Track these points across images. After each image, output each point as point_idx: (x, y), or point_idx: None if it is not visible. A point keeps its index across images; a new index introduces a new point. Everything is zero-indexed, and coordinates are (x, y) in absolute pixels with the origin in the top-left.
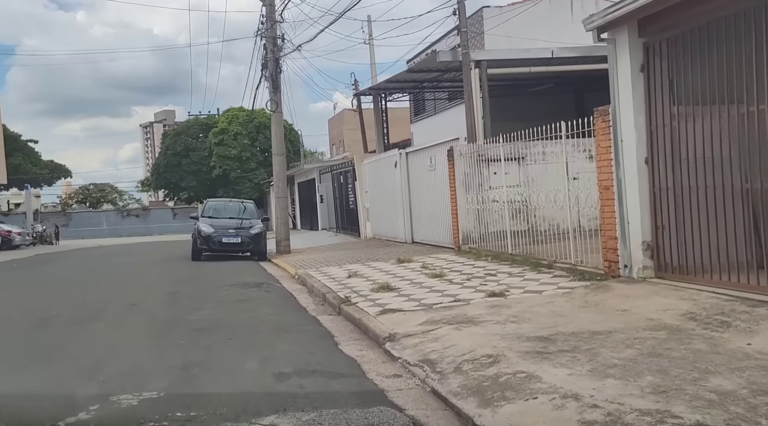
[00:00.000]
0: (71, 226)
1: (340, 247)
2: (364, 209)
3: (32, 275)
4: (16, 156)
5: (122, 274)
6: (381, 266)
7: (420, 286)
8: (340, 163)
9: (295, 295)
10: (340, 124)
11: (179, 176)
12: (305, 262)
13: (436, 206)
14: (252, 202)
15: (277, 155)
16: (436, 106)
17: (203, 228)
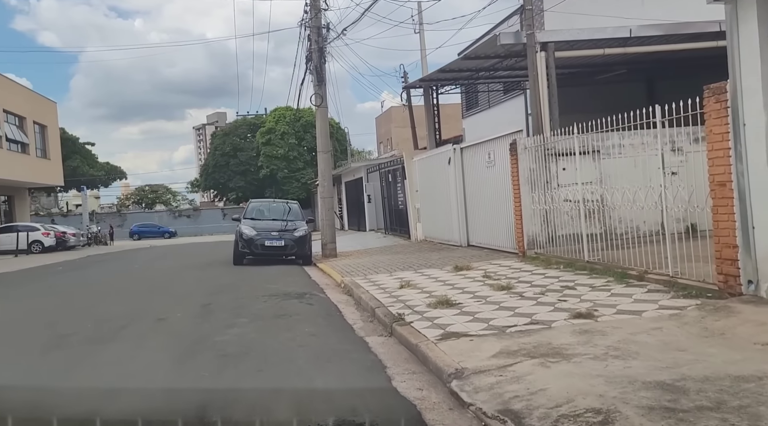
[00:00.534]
0: (126, 226)
1: (389, 251)
2: (414, 209)
3: (70, 281)
4: (74, 158)
5: (159, 281)
6: (436, 274)
7: (485, 301)
8: (389, 161)
9: (341, 309)
10: (388, 121)
11: (227, 176)
12: (352, 268)
13: (496, 206)
14: (296, 203)
15: (322, 153)
16: (490, 99)
17: (245, 231)
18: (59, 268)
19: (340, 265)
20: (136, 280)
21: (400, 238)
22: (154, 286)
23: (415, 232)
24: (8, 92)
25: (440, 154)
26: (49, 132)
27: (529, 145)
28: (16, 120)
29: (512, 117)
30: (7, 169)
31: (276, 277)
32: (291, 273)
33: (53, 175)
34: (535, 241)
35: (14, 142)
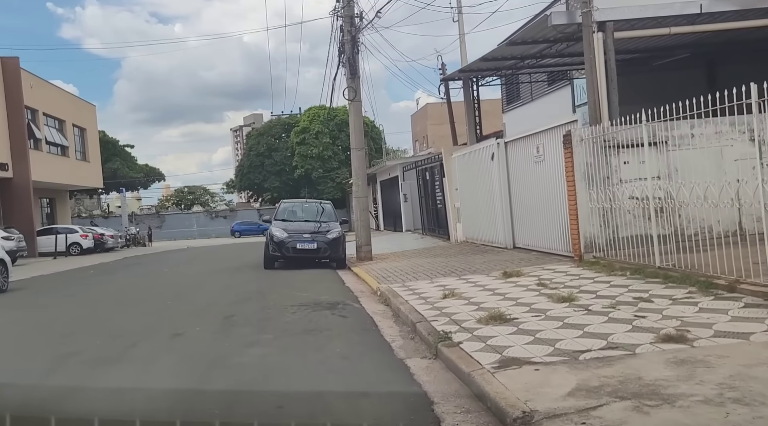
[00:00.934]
0: (164, 227)
1: (427, 253)
2: (453, 209)
3: (95, 287)
4: (114, 161)
5: (185, 287)
6: (483, 281)
7: (545, 316)
8: (426, 158)
9: (377, 322)
10: (424, 118)
11: (262, 177)
12: (389, 273)
13: (546, 205)
14: (330, 203)
15: (355, 150)
16: (532, 91)
17: (276, 233)
18: (90, 272)
19: (376, 270)
20: (161, 286)
21: (438, 239)
22: (178, 294)
23: (454, 232)
24: (48, 96)
25: (482, 149)
26: (88, 135)
27: (585, 136)
28: (56, 123)
29: (557, 110)
30: (48, 171)
31: (307, 283)
32: (324, 278)
33: (93, 178)
34: (593, 244)
35: (54, 145)
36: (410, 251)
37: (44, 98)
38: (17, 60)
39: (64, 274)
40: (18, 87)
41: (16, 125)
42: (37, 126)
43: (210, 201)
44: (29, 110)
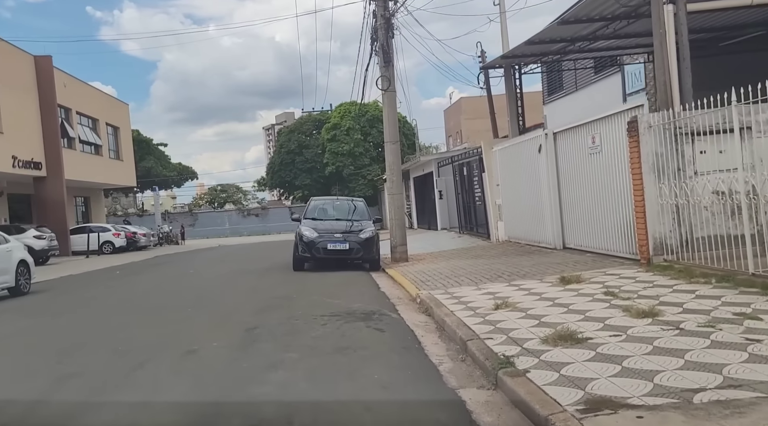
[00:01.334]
0: (197, 225)
1: (468, 254)
2: (494, 206)
3: (117, 290)
4: (148, 159)
5: (208, 291)
6: (538, 289)
7: (627, 335)
8: (463, 152)
9: (419, 337)
10: (458, 113)
11: (293, 174)
12: (428, 276)
13: (603, 201)
14: (362, 201)
15: (390, 143)
16: (577, 80)
17: (305, 232)
18: (117, 272)
19: (413, 272)
20: (184, 289)
21: (477, 238)
22: (199, 299)
23: (495, 231)
24: (82, 95)
25: (527, 141)
26: (121, 133)
27: (654, 122)
28: (90, 122)
29: (605, 99)
30: (81, 170)
31: (339, 287)
32: (356, 282)
33: (126, 176)
34: (663, 245)
35: (88, 144)
36: (448, 252)
37: (78, 97)
38: (50, 59)
39: (92, 274)
40: (51, 86)
41: (49, 124)
42: (71, 125)
43: (242, 199)
44: (63, 109)
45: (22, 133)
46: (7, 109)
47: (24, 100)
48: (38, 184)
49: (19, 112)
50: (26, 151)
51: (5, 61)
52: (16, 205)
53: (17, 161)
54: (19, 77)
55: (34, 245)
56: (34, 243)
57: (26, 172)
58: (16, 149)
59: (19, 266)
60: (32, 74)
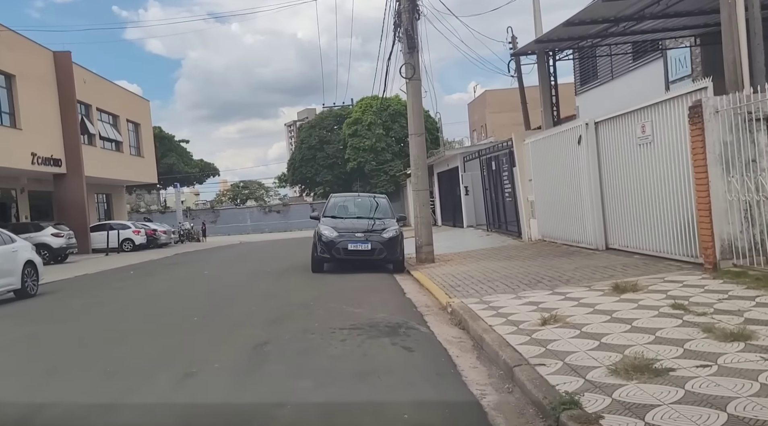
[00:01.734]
0: (219, 222)
1: (499, 254)
2: (526, 202)
3: (127, 291)
4: (171, 156)
5: (220, 296)
6: (587, 298)
7: (718, 366)
8: (492, 146)
9: (455, 359)
10: (482, 107)
11: (314, 170)
12: (457, 280)
13: (655, 196)
14: (385, 197)
15: (414, 135)
16: (613, 68)
17: (324, 232)
18: (131, 272)
19: (441, 276)
20: (195, 293)
21: (507, 236)
22: (209, 306)
23: (527, 230)
24: (102, 91)
25: (564, 132)
26: (142, 130)
27: (722, 106)
28: (110, 118)
29: (645, 87)
30: (102, 167)
31: (360, 293)
32: (380, 286)
33: (147, 173)
34: (731, 248)
35: (108, 141)
36: (477, 252)
37: (98, 93)
38: (69, 54)
39: (106, 274)
40: (70, 81)
41: (69, 120)
42: (91, 121)
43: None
44: (83, 105)
45: (42, 130)
46: (26, 105)
47: (43, 97)
48: (58, 181)
49: (38, 109)
50: (45, 147)
51: (23, 57)
52: (38, 202)
53: (36, 158)
54: (37, 73)
55: (52, 243)
56: (51, 241)
57: (46, 169)
58: (35, 146)
59: (26, 267)
60: (51, 70)
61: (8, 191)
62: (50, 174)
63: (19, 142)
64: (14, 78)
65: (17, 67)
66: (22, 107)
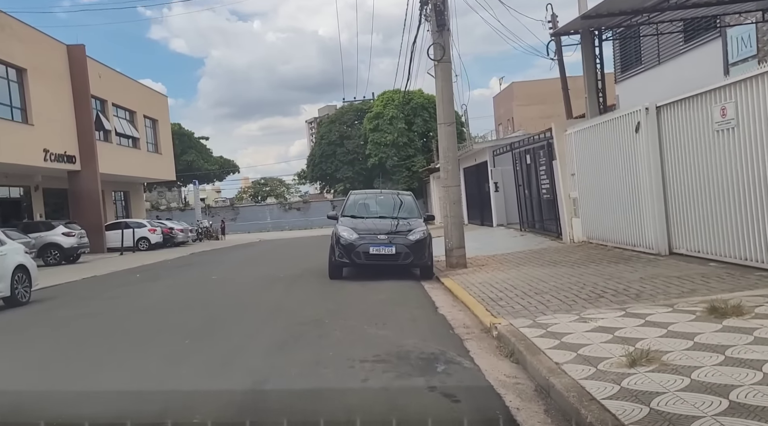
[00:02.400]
0: (239, 220)
1: (540, 258)
2: (567, 200)
3: (125, 299)
4: (190, 153)
5: (223, 308)
6: (677, 323)
7: None
8: (526, 138)
9: (515, 414)
10: (509, 99)
11: (334, 166)
12: (498, 291)
13: (740, 192)
14: (410, 194)
15: (444, 125)
16: (660, 51)
17: (343, 233)
18: (137, 275)
19: (477, 284)
20: (196, 304)
21: (544, 237)
22: (208, 321)
23: (568, 230)
24: (118, 86)
25: (618, 119)
26: (160, 126)
27: None
28: (127, 114)
29: (698, 72)
30: (118, 164)
31: (384, 306)
32: (407, 298)
33: (165, 170)
34: None
35: (125, 137)
36: (514, 255)
37: (114, 88)
38: (83, 48)
39: (114, 276)
40: (84, 76)
41: (83, 116)
42: (107, 117)
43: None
44: (98, 100)
45: (54, 126)
46: (38, 100)
47: (56, 91)
48: (72, 179)
49: (51, 104)
50: (59, 144)
51: (35, 51)
52: (53, 200)
53: (49, 154)
54: (50, 67)
55: (62, 243)
56: (62, 240)
57: (59, 166)
58: (48, 142)
59: (17, 272)
60: (65, 64)
61: (22, 189)
62: (65, 171)
63: (31, 138)
64: (25, 72)
65: (29, 60)
66: (33, 102)
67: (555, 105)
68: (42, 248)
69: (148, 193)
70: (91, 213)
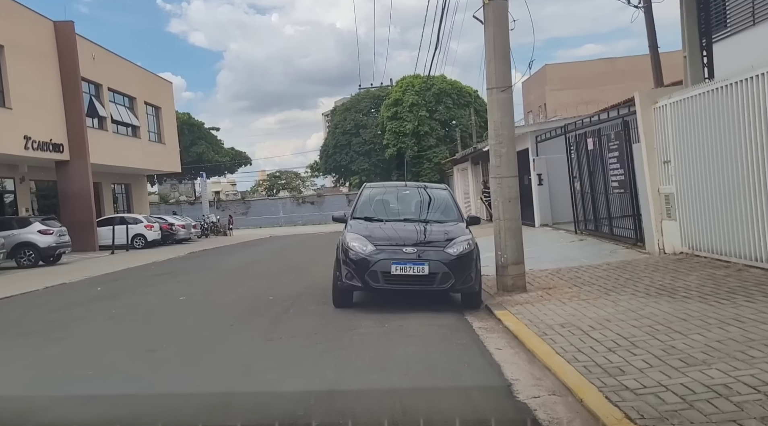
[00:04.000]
0: (250, 214)
1: (632, 278)
2: (656, 196)
3: (51, 334)
4: (200, 144)
5: (169, 365)
6: None
7: None
8: (589, 117)
9: None
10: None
11: (349, 158)
12: (606, 350)
13: None
14: (446, 188)
15: (497, 90)
16: (755, 9)
17: (353, 244)
18: (97, 289)
19: (558, 327)
20: (135, 353)
21: (613, 243)
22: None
23: (657, 236)
24: (115, 69)
25: (742, 82)
26: (163, 114)
27: None
28: (125, 100)
29: None
30: (115, 154)
31: (420, 376)
32: (450, 355)
33: (169, 161)
34: None
35: (122, 125)
36: (586, 270)
37: (110, 71)
38: (72, 25)
39: (77, 287)
40: (74, 56)
41: (72, 100)
42: (101, 102)
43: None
44: (91, 84)
45: (37, 110)
46: (18, 81)
47: (40, 72)
48: (61, 169)
49: (34, 86)
50: (42, 130)
51: (14, 26)
52: (44, 193)
53: (31, 142)
54: (33, 45)
55: (38, 242)
56: (38, 239)
57: (43, 155)
58: (30, 128)
59: None
60: (51, 42)
61: (4, 181)
62: (52, 161)
63: (7, 123)
64: (2, 49)
65: (7, 36)
66: (12, 83)
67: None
68: (15, 248)
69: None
70: (81, 207)
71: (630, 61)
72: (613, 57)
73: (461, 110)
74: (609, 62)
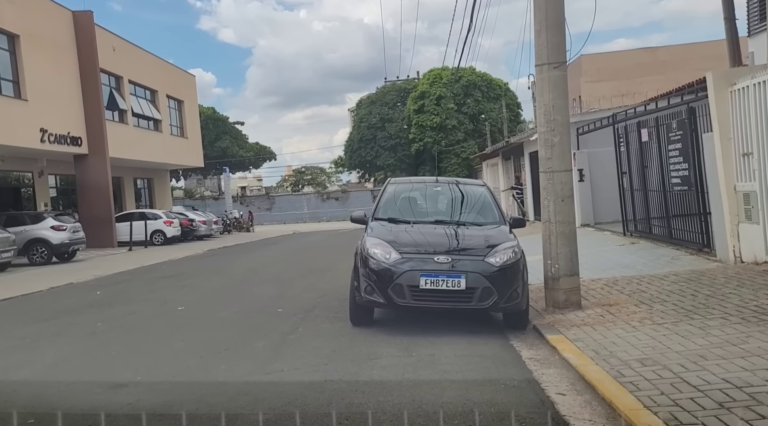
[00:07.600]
0: (274, 209)
1: (715, 295)
2: (732, 194)
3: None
4: (225, 139)
5: None
6: None
7: None
8: (644, 104)
9: None
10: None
11: (374, 152)
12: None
13: None
14: (483, 185)
15: (548, 66)
16: None
17: (375, 250)
18: (97, 293)
19: (635, 363)
20: (102, 387)
21: (675, 248)
22: None
23: (732, 242)
24: (136, 61)
25: None
26: (186, 108)
27: None
28: (147, 93)
29: None
30: (135, 148)
31: (458, 407)
32: (495, 393)
33: (191, 156)
34: None
35: (144, 118)
36: (650, 282)
37: (131, 64)
38: (91, 14)
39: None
40: (92, 47)
41: (91, 92)
42: (122, 95)
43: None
44: (112, 76)
45: (54, 102)
46: (34, 72)
47: (58, 63)
48: (79, 163)
49: (51, 77)
50: (60, 123)
51: (32, 15)
52: (63, 187)
53: (47, 135)
54: (50, 35)
55: (51, 238)
56: (51, 235)
57: (60, 148)
58: (46, 121)
59: None
60: (70, 33)
61: (23, 175)
62: (70, 154)
63: (24, 115)
64: (18, 38)
65: (23, 25)
66: (28, 74)
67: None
68: (27, 244)
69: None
70: (100, 202)
71: (671, 50)
72: (653, 47)
73: (491, 103)
74: (649, 52)
